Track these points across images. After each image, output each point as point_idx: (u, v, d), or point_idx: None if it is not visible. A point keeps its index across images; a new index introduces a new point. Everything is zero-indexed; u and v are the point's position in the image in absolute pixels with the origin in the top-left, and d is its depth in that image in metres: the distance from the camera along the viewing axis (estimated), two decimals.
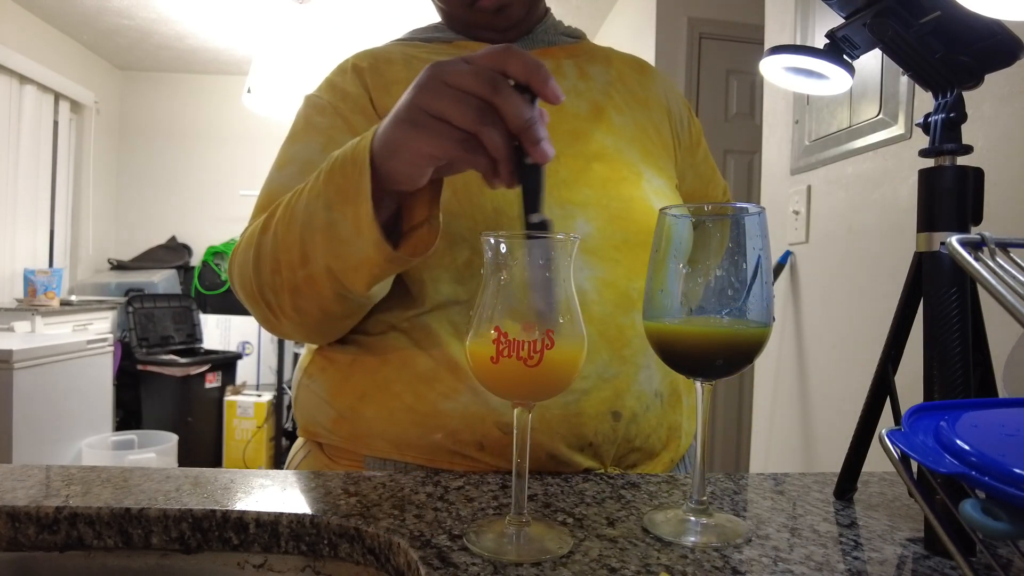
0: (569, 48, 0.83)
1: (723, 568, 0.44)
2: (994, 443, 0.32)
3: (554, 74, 0.73)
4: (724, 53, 2.90)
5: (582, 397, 0.63)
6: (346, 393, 0.66)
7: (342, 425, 0.66)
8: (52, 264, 3.94)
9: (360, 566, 0.50)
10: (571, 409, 0.63)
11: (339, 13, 3.44)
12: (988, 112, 1.14)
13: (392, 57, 0.79)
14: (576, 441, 0.63)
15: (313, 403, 0.69)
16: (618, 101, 0.80)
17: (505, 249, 0.46)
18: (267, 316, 0.66)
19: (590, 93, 0.79)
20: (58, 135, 3.97)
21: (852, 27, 0.61)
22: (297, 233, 0.58)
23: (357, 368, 0.67)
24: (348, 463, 0.68)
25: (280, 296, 0.62)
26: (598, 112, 0.78)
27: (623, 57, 0.87)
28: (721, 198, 0.96)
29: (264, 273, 0.62)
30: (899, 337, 0.56)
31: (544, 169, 0.50)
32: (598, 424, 0.63)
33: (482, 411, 0.62)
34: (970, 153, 0.53)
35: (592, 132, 0.75)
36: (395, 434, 0.64)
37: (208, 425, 3.56)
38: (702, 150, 0.91)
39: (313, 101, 0.77)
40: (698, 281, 0.48)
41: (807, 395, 1.68)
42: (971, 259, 0.46)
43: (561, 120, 0.74)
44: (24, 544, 0.52)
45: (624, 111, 0.80)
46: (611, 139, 0.76)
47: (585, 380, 0.63)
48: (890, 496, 0.61)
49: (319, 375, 0.70)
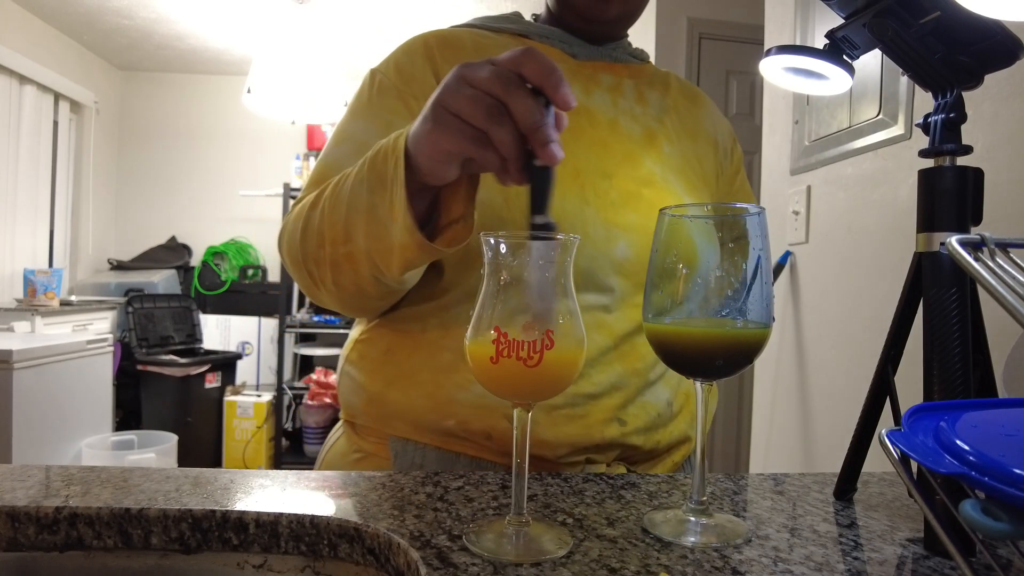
0: (633, 68, 0.84)
1: (723, 568, 0.44)
2: (994, 443, 0.32)
3: (613, 93, 0.78)
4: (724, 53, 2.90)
5: (590, 402, 0.66)
6: (378, 379, 0.71)
7: (372, 407, 0.71)
8: (52, 264, 3.94)
9: (360, 566, 0.50)
10: (578, 411, 0.65)
11: (339, 13, 3.43)
12: (988, 112, 1.13)
13: (462, 43, 0.78)
14: (580, 441, 0.66)
15: (350, 387, 0.74)
16: (669, 130, 0.81)
17: (505, 249, 0.46)
18: (309, 284, 0.70)
19: (645, 118, 0.80)
20: (58, 135, 3.97)
21: (852, 27, 0.61)
22: (342, 212, 0.61)
23: (391, 357, 0.71)
24: (374, 440, 0.72)
25: (322, 269, 0.66)
26: (650, 138, 0.79)
27: (680, 85, 0.88)
28: None
29: (310, 245, 0.66)
30: (899, 337, 0.56)
31: (554, 172, 0.51)
32: (604, 428, 0.66)
33: (492, 402, 0.64)
34: (970, 153, 0.53)
35: (643, 158, 0.76)
36: (414, 418, 0.68)
37: (208, 425, 3.56)
38: (740, 177, 0.92)
39: (380, 80, 0.77)
40: (698, 281, 0.48)
41: (807, 395, 1.68)
42: (971, 259, 0.46)
43: (616, 140, 0.76)
44: (24, 544, 0.52)
45: (674, 141, 0.81)
46: (660, 167, 0.77)
47: (596, 387, 0.66)
48: (890, 496, 0.61)
49: (358, 362, 0.74)
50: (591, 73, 0.80)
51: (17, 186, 3.55)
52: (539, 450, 0.65)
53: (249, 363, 4.01)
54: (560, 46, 0.81)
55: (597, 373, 0.66)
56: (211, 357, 3.61)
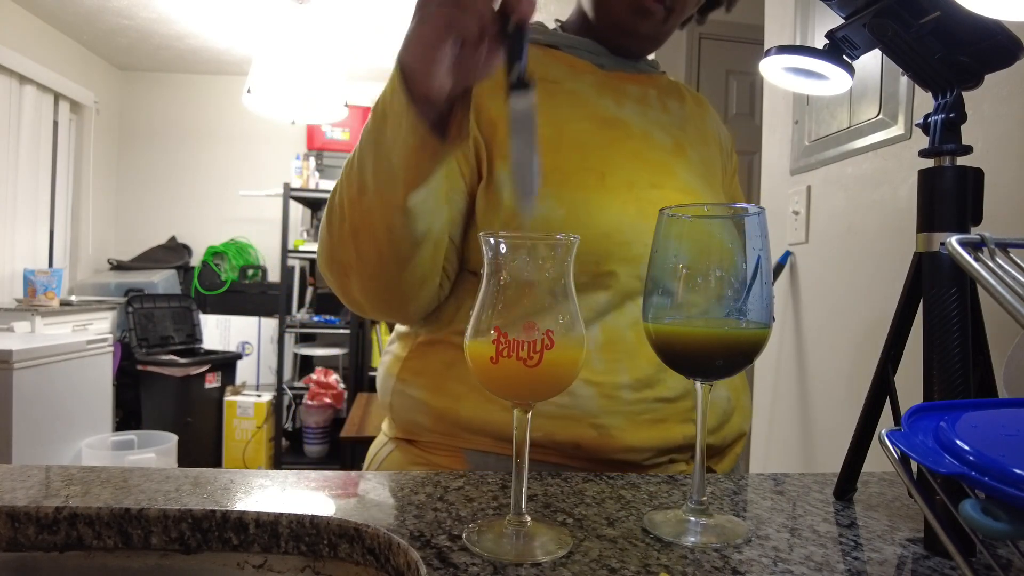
0: (653, 78, 0.86)
1: (723, 568, 0.44)
2: (994, 443, 0.32)
3: (641, 103, 0.80)
4: (724, 53, 2.90)
5: (668, 405, 0.68)
6: (443, 396, 0.70)
7: (441, 424, 0.70)
8: (52, 264, 3.94)
9: (360, 566, 0.50)
10: (658, 415, 0.67)
11: (339, 13, 3.43)
12: (988, 112, 1.13)
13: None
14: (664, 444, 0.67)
15: (410, 406, 0.73)
16: (693, 138, 0.83)
17: (505, 249, 0.46)
18: (342, 281, 0.69)
19: (671, 128, 0.81)
20: (58, 135, 3.97)
21: (852, 27, 0.61)
22: (355, 167, 0.62)
23: (453, 371, 0.70)
24: (445, 454, 0.71)
25: (345, 247, 0.65)
26: (679, 148, 0.80)
27: (690, 93, 0.90)
28: None
29: (333, 226, 0.66)
30: (899, 337, 0.56)
31: (527, 30, 0.53)
32: (683, 429, 0.68)
33: (576, 412, 0.65)
34: (970, 153, 0.53)
35: (677, 167, 0.78)
36: (493, 431, 0.67)
37: (208, 425, 3.56)
38: (735, 179, 0.94)
39: None
40: (698, 281, 0.48)
41: (807, 395, 1.68)
42: (971, 259, 0.46)
43: (651, 151, 0.77)
44: (24, 544, 0.52)
45: (698, 148, 0.83)
46: (691, 176, 0.78)
47: (671, 391, 0.68)
48: (890, 496, 0.61)
49: (413, 380, 0.73)
50: (619, 84, 0.81)
51: (17, 186, 3.55)
52: (627, 455, 0.67)
53: (249, 363, 4.01)
54: (588, 57, 0.82)
55: (671, 378, 0.67)
56: (211, 357, 3.61)
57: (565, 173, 0.70)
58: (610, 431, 0.65)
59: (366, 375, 3.95)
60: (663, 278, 0.50)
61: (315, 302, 4.20)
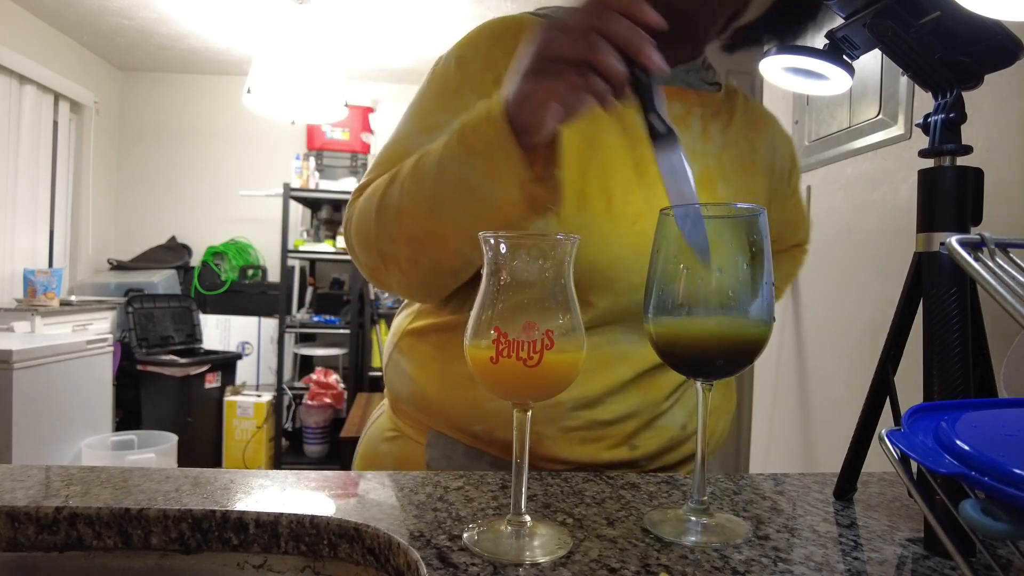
0: (704, 96, 0.80)
1: (723, 568, 0.44)
2: (994, 443, 0.32)
3: (680, 125, 0.75)
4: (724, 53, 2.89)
5: (605, 428, 0.68)
6: (424, 375, 0.74)
7: (416, 399, 0.75)
8: (52, 264, 3.94)
9: (360, 566, 0.50)
10: (592, 435, 0.68)
11: (339, 13, 3.43)
12: (988, 112, 1.13)
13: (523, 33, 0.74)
14: (591, 461, 0.69)
15: (398, 376, 0.77)
16: (727, 168, 0.78)
17: (505, 249, 0.46)
18: (378, 266, 0.69)
19: (705, 157, 0.77)
20: (58, 135, 3.97)
21: (852, 27, 0.61)
22: (427, 187, 0.61)
23: (439, 356, 0.73)
24: (412, 426, 0.76)
25: (397, 246, 0.65)
26: (708, 179, 0.76)
27: (745, 110, 0.84)
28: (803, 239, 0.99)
29: (385, 222, 0.65)
30: (899, 337, 0.56)
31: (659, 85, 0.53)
32: (614, 452, 0.69)
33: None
34: (970, 153, 0.53)
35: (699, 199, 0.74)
36: (451, 417, 0.72)
37: (208, 425, 3.56)
38: (795, 198, 0.91)
39: (464, 71, 0.73)
40: (698, 281, 0.48)
41: (807, 395, 1.68)
42: (971, 259, 0.46)
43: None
44: (24, 544, 0.52)
45: (729, 180, 0.78)
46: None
47: (612, 415, 0.68)
48: (890, 496, 0.61)
49: (408, 352, 0.76)
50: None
51: (17, 186, 3.55)
52: (553, 466, 0.69)
53: (249, 363, 4.01)
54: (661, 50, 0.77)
55: (615, 403, 0.68)
56: (211, 357, 3.61)
57: (578, 192, 0.68)
58: (543, 440, 0.68)
59: (366, 375, 3.95)
60: (664, 278, 0.50)
61: (315, 302, 4.20)
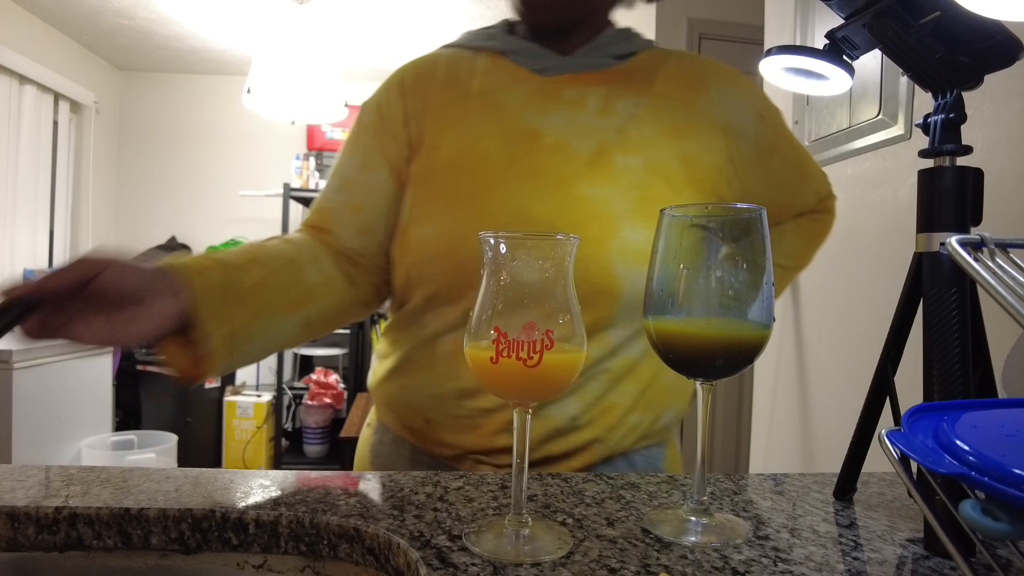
0: (608, 73, 0.79)
1: (723, 568, 0.44)
2: (994, 443, 0.32)
3: (573, 107, 0.76)
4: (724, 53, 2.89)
5: (486, 416, 0.71)
6: (384, 368, 0.80)
7: (375, 389, 0.82)
8: (52, 264, 3.94)
9: (360, 566, 0.50)
10: (474, 422, 0.71)
11: (339, 13, 3.43)
12: (988, 113, 1.13)
13: (435, 72, 0.82)
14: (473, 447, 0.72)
15: (374, 367, 0.84)
16: (634, 138, 0.75)
17: (505, 249, 0.46)
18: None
19: (602, 131, 0.74)
20: (58, 135, 3.97)
21: (852, 27, 0.61)
22: None
23: (400, 354, 0.78)
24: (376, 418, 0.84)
25: None
26: (600, 155, 0.73)
27: (678, 73, 0.80)
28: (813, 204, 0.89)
29: None
30: (899, 337, 0.56)
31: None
32: (495, 438, 0.71)
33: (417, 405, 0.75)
34: (970, 154, 0.53)
35: (579, 180, 0.72)
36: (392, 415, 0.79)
37: (208, 425, 3.56)
38: (778, 158, 0.83)
39: (361, 117, 0.83)
40: (698, 281, 0.48)
41: (807, 395, 1.68)
42: (971, 260, 0.46)
43: (554, 164, 0.72)
44: (24, 544, 0.52)
45: (637, 150, 0.74)
46: (598, 189, 0.71)
47: (493, 403, 0.70)
48: (890, 496, 0.61)
49: (388, 347, 0.81)
50: (554, 89, 0.77)
51: (17, 186, 3.54)
52: (442, 450, 0.74)
53: None
54: (529, 63, 0.79)
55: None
56: None
57: (448, 197, 0.73)
58: (433, 426, 0.73)
59: (366, 375, 3.94)
60: (664, 278, 0.50)
61: None
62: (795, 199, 0.87)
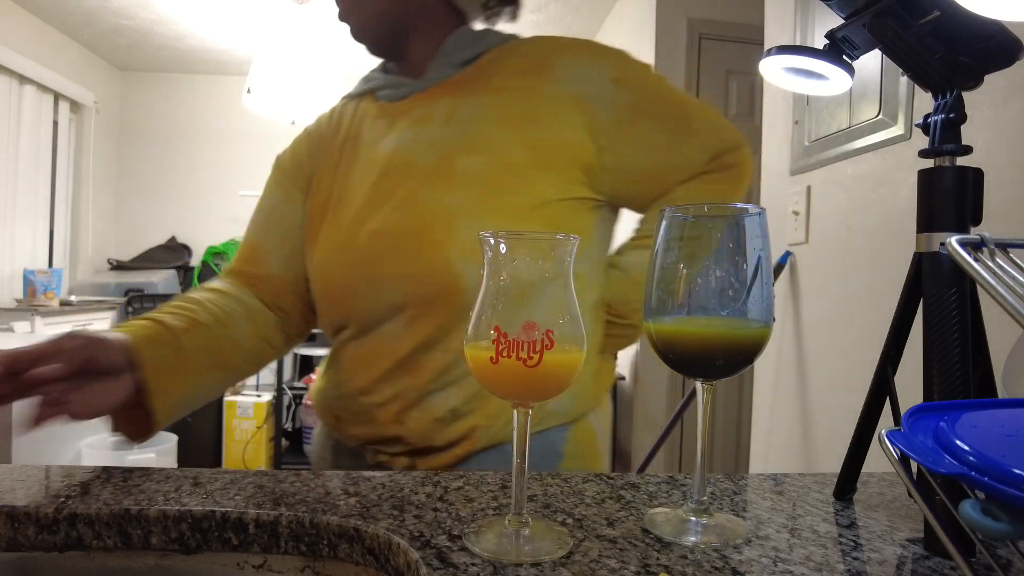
0: (453, 83, 0.81)
1: (723, 568, 0.44)
2: (993, 443, 0.32)
3: (419, 125, 0.81)
4: (724, 53, 2.90)
5: (377, 409, 0.77)
6: (319, 375, 0.89)
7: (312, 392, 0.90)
8: (52, 264, 3.94)
9: (360, 566, 0.50)
10: (367, 417, 0.79)
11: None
12: (988, 113, 1.13)
13: (328, 124, 0.92)
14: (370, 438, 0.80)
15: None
16: (476, 139, 0.77)
17: (505, 249, 0.46)
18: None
19: (447, 141, 0.77)
20: (58, 135, 3.97)
21: (852, 27, 0.61)
22: None
23: (325, 365, 0.88)
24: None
25: None
26: (442, 163, 0.76)
27: (519, 65, 0.81)
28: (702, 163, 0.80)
29: None
30: (899, 337, 0.56)
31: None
32: (387, 428, 0.77)
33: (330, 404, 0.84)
34: (970, 154, 0.53)
35: (423, 191, 0.76)
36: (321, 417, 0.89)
37: (208, 425, 3.56)
38: (645, 118, 0.78)
39: (275, 163, 0.95)
40: (698, 281, 0.48)
41: (807, 395, 1.68)
42: (971, 260, 0.46)
43: (402, 182, 0.77)
44: (24, 544, 0.52)
45: (479, 151, 0.76)
46: (441, 195, 0.75)
47: (381, 398, 0.77)
48: (890, 496, 0.61)
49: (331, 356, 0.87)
50: (404, 111, 0.83)
51: (17, 186, 3.55)
52: (349, 441, 0.82)
53: None
54: (384, 95, 0.86)
55: (383, 387, 0.78)
56: None
57: (320, 236, 0.83)
58: (341, 421, 0.83)
59: None
60: (663, 278, 0.50)
61: None
62: (675, 159, 0.80)
